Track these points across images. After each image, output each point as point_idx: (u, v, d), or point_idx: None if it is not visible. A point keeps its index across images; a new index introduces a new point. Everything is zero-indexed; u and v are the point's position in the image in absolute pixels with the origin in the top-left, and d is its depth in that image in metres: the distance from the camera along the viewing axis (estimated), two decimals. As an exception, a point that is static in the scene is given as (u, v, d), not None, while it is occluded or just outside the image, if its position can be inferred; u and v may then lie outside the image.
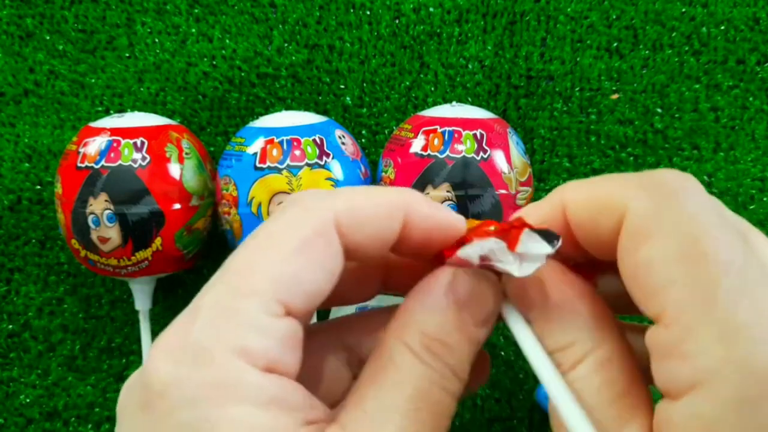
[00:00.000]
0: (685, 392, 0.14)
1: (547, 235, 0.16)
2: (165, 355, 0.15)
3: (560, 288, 0.18)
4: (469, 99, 0.45)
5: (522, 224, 0.17)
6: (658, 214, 0.15)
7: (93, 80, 0.46)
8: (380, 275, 0.21)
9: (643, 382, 0.17)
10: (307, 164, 0.36)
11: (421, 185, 0.37)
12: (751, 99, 0.44)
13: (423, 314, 0.17)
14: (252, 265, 0.16)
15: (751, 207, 0.43)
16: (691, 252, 0.14)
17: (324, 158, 0.37)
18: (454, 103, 0.41)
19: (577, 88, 0.44)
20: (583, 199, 0.17)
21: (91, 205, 0.36)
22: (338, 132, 0.39)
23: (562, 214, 0.18)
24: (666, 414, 0.15)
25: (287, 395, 0.15)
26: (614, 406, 0.16)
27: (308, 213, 0.17)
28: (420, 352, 0.16)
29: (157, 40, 0.46)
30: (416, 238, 0.18)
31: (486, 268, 0.18)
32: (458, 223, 0.18)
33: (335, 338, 0.20)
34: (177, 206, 0.37)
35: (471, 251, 0.17)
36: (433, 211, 0.18)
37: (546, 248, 0.16)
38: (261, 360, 0.15)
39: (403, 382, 0.16)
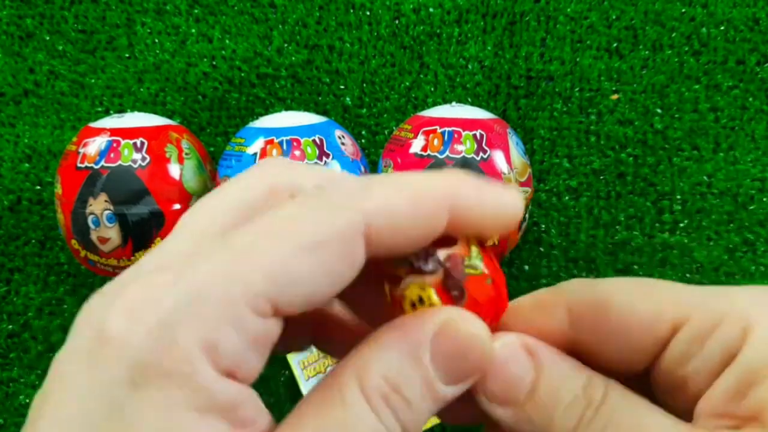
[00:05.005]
0: None
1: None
2: (129, 311, 0.13)
3: (548, 348, 0.16)
4: (469, 99, 0.45)
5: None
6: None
7: (93, 80, 0.46)
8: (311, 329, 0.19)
9: None
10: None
11: (420, 185, 0.37)
12: (751, 99, 0.44)
13: (392, 358, 0.15)
14: (254, 250, 0.14)
15: (751, 207, 0.43)
16: None
17: (324, 158, 0.37)
18: (453, 103, 0.41)
19: (576, 89, 0.44)
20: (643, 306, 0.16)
21: (90, 205, 0.36)
22: (338, 132, 0.39)
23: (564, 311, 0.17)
24: None
25: (235, 405, 0.14)
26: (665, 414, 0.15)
27: (334, 211, 0.14)
28: (374, 399, 0.15)
29: (157, 41, 0.46)
30: (465, 228, 0.16)
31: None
32: (511, 209, 0.16)
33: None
34: (177, 206, 0.37)
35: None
36: (482, 197, 0.16)
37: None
38: (226, 361, 0.14)
39: (347, 427, 0.14)
